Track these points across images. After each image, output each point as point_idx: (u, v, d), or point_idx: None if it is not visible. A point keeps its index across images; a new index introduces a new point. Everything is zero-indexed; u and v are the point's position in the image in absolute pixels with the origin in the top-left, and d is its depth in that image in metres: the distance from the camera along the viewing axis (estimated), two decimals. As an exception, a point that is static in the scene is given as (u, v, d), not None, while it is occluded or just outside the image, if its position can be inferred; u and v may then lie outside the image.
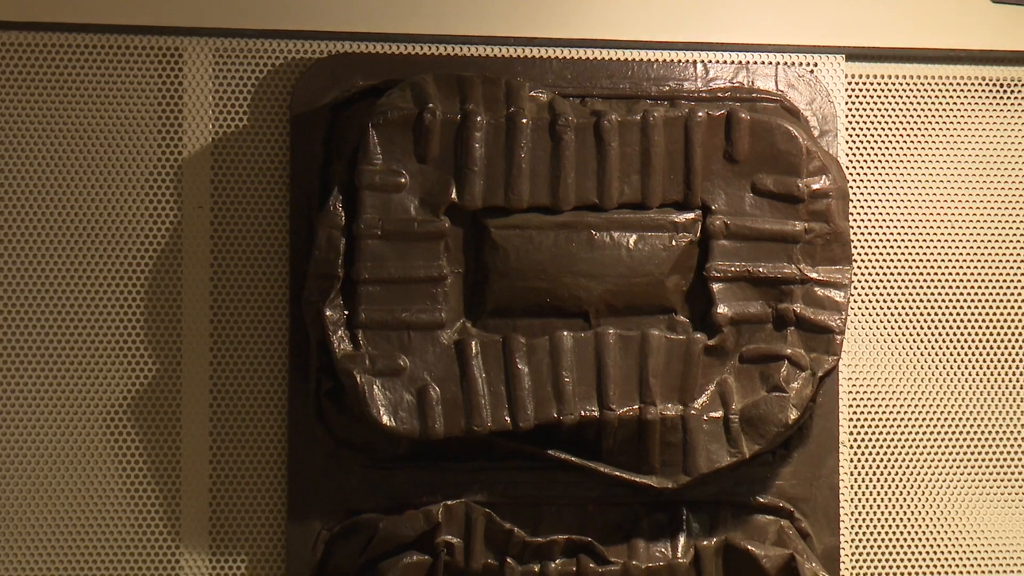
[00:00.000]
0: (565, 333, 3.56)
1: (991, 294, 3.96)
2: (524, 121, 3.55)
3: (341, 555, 3.58)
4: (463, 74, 3.61)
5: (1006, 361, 3.94)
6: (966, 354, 3.93)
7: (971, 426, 3.93)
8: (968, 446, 3.93)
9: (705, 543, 3.59)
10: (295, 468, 3.61)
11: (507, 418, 3.50)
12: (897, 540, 3.87)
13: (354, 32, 3.70)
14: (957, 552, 3.92)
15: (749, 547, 3.58)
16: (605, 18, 3.76)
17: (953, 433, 3.91)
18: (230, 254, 3.68)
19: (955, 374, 3.93)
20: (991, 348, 3.95)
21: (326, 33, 3.69)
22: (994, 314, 3.96)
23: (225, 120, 3.67)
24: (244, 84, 3.68)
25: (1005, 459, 3.98)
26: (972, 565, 3.92)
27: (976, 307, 3.94)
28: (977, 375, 3.92)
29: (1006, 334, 3.96)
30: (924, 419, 3.89)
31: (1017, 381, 3.94)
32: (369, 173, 3.50)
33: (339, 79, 3.65)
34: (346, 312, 3.53)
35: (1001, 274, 3.97)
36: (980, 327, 3.94)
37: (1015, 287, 3.97)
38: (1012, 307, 3.97)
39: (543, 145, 3.58)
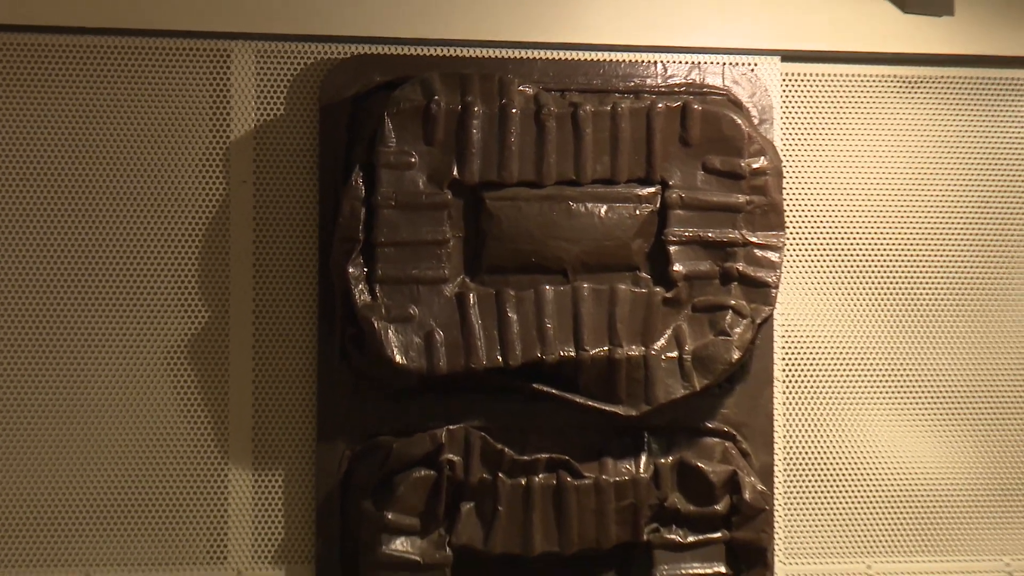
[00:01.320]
0: (547, 287, 3.64)
1: (901, 252, 4.04)
2: (514, 111, 3.64)
3: (362, 470, 3.67)
4: (463, 72, 3.69)
5: (912, 307, 4.02)
6: (880, 303, 4.02)
7: (883, 362, 4.02)
8: (880, 378, 4.04)
9: (663, 461, 3.69)
10: (323, 399, 3.70)
11: (499, 357, 3.59)
12: (822, 458, 3.97)
13: (372, 36, 3.81)
14: (871, 467, 4.02)
15: (699, 464, 3.69)
16: (581, 25, 3.86)
17: (868, 368, 4.01)
18: (269, 221, 3.78)
19: (870, 320, 4.02)
20: (900, 297, 4.04)
21: (349, 37, 3.81)
22: (903, 268, 4.04)
23: (265, 110, 3.78)
24: (281, 80, 3.80)
25: (911, 388, 4.05)
26: (884, 479, 4.00)
27: (889, 263, 4.03)
28: (888, 321, 4.00)
29: (911, 284, 4.05)
30: (845, 358, 4.00)
31: (920, 323, 4.02)
32: (385, 154, 3.59)
33: (360, 76, 3.74)
34: (365, 269, 3.61)
35: (908, 233, 4.06)
36: (891, 280, 4.04)
37: (921, 245, 4.06)
38: (919, 261, 4.04)
39: (529, 131, 3.66)
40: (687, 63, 3.90)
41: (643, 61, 3.89)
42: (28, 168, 3.90)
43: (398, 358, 3.57)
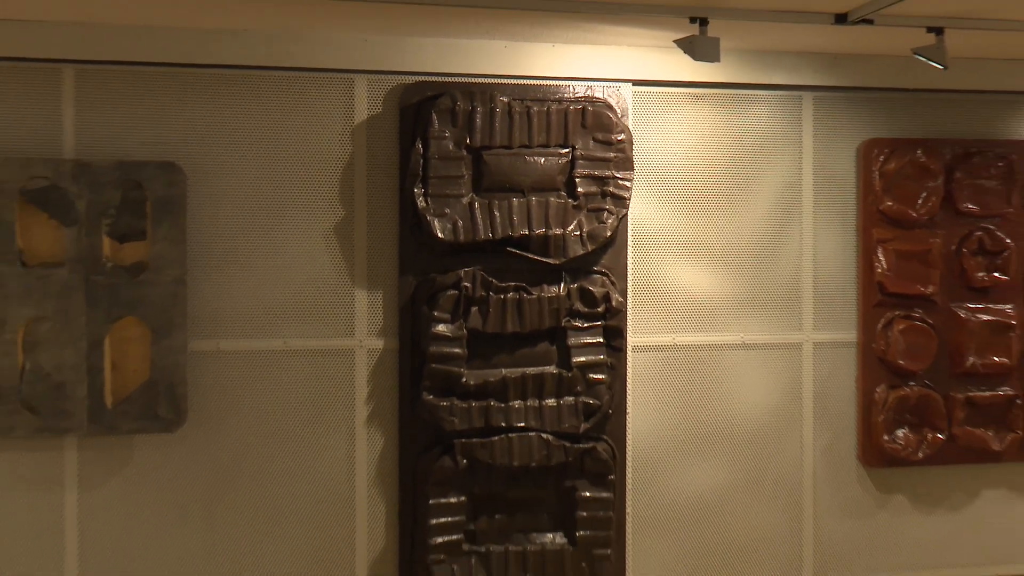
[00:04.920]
0: (514, 199, 4.11)
1: (690, 177, 4.45)
2: (498, 110, 4.10)
3: (421, 290, 4.15)
4: (471, 89, 4.13)
5: (696, 207, 4.47)
6: (681, 205, 4.45)
7: (682, 236, 4.46)
8: (681, 244, 4.46)
9: (572, 286, 4.20)
10: (402, 254, 4.18)
11: (490, 234, 4.09)
12: (650, 284, 4.44)
13: (426, 71, 4.20)
14: (675, 288, 4.45)
15: (590, 288, 4.21)
16: (531, 67, 4.27)
17: (675, 239, 4.46)
18: (375, 165, 4.22)
19: (676, 214, 4.45)
20: (691, 201, 4.46)
21: (414, 72, 4.20)
22: (693, 185, 4.46)
23: (372, 110, 4.21)
24: (380, 94, 4.21)
25: (696, 248, 4.47)
26: (681, 294, 4.45)
27: (685, 183, 4.45)
28: (685, 213, 4.45)
29: (698, 195, 4.47)
30: (663, 233, 4.44)
31: (700, 214, 4.46)
32: (432, 132, 4.07)
33: (420, 92, 4.15)
34: (423, 190, 4.06)
35: (694, 168, 4.46)
36: (687, 192, 4.45)
37: (700, 173, 4.47)
38: (700, 181, 4.46)
39: (505, 120, 4.12)
40: (585, 86, 4.27)
41: (563, 85, 4.27)
42: (258, 150, 4.12)
43: (440, 234, 4.06)
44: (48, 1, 3.56)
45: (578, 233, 4.16)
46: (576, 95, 4.23)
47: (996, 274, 4.62)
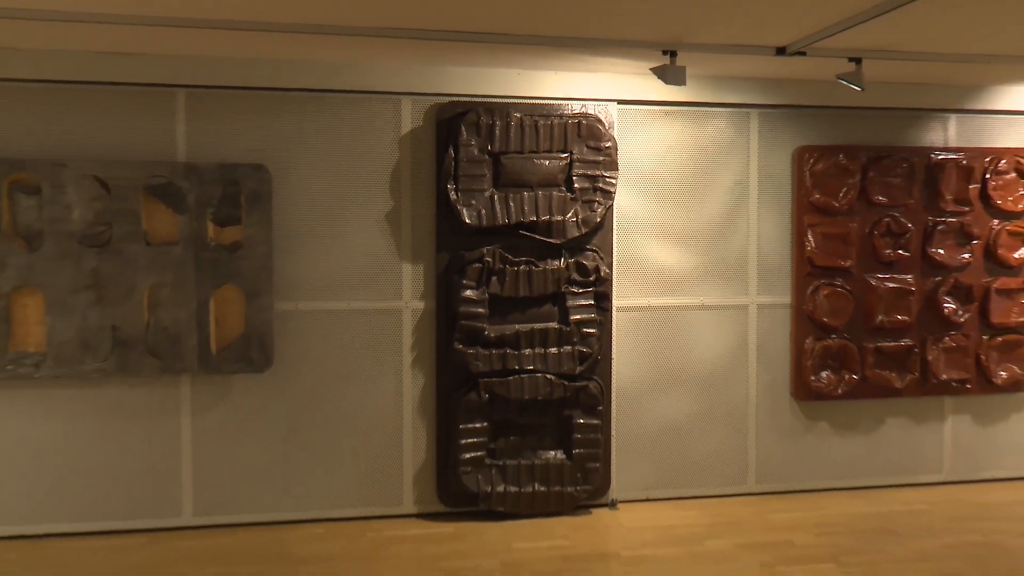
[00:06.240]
0: (525, 192, 4.23)
1: (661, 175, 4.50)
2: (512, 123, 4.22)
3: (454, 264, 4.28)
4: (492, 107, 4.24)
5: (664, 199, 4.50)
6: (654, 197, 4.45)
7: (655, 220, 4.40)
8: (653, 226, 4.43)
9: (570, 260, 4.32)
10: (439, 236, 4.29)
11: (507, 220, 4.23)
12: (632, 260, 4.50)
13: (456, 93, 4.28)
14: (648, 264, 4.49)
15: (584, 262, 4.34)
16: (538, 89, 4.35)
17: (649, 222, 4.45)
18: (417, 168, 4.31)
19: (652, 204, 4.42)
20: (662, 194, 4.50)
21: (447, 94, 4.29)
22: (663, 181, 4.49)
23: (415, 123, 4.31)
24: (420, 111, 4.30)
25: (663, 228, 4.46)
26: (653, 269, 4.50)
27: (657, 178, 4.49)
28: (658, 204, 4.48)
29: (666, 190, 4.50)
30: (641, 220, 4.51)
31: (669, 205, 4.49)
32: (461, 141, 4.17)
33: (451, 109, 4.26)
34: (455, 186, 4.17)
35: (664, 168, 4.49)
36: (660, 186, 4.49)
37: (669, 172, 4.49)
38: (667, 178, 4.49)
39: (518, 131, 4.23)
40: (581, 104, 4.37)
41: (563, 103, 4.36)
42: (327, 154, 4.16)
43: (467, 220, 4.21)
44: (165, 39, 3.75)
45: (574, 219, 4.33)
46: (573, 111, 4.40)
47: (900, 251, 4.79)
